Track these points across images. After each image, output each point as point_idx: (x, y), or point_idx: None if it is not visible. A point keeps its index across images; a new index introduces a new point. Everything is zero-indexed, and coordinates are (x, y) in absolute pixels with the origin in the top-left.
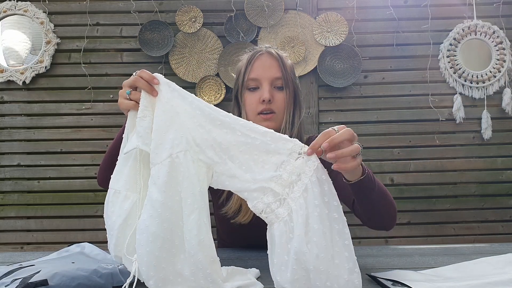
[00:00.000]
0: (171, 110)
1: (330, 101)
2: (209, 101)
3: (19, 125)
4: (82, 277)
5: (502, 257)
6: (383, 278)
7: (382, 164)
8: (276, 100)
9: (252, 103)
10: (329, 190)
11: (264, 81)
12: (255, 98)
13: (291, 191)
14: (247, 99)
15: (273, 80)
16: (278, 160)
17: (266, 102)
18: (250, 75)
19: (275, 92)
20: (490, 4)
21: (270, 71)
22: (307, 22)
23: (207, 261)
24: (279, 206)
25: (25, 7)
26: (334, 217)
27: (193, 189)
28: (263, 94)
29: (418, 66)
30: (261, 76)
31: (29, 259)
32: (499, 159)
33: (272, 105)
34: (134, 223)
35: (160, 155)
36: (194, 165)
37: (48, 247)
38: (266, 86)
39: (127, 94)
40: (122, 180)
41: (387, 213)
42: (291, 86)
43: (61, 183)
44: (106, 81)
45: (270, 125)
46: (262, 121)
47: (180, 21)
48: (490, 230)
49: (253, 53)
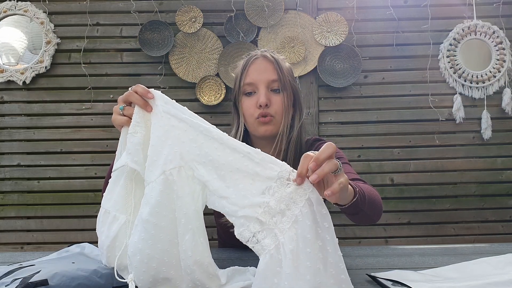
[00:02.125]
0: (166, 124)
1: (330, 101)
2: (209, 101)
3: (19, 125)
4: (82, 277)
5: (502, 257)
6: (383, 278)
7: (382, 164)
8: (273, 104)
9: (250, 108)
10: (321, 218)
11: (260, 84)
12: (252, 102)
13: (279, 221)
14: (244, 104)
15: (269, 83)
16: (266, 185)
17: (263, 106)
18: (246, 80)
19: (272, 95)
20: (490, 4)
21: (266, 74)
22: (307, 22)
23: (205, 277)
24: (266, 237)
25: (25, 7)
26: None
27: (187, 209)
28: (260, 99)
29: (418, 66)
30: (257, 80)
31: (29, 259)
32: (499, 159)
33: (269, 109)
34: (121, 244)
35: (154, 172)
36: (188, 182)
37: (48, 247)
38: (262, 90)
39: (121, 109)
40: (113, 200)
41: (376, 215)
42: (289, 89)
43: (61, 183)
44: (106, 81)
45: (269, 129)
46: (261, 125)
47: (180, 21)
48: (490, 230)
49: (248, 58)
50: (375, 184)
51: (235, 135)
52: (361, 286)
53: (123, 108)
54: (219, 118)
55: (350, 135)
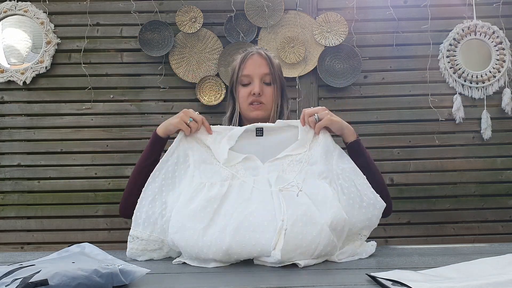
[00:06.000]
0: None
1: (330, 101)
2: (209, 101)
3: (19, 125)
4: (82, 277)
5: (502, 257)
6: (383, 278)
7: (382, 164)
8: (265, 93)
9: (244, 95)
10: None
11: (255, 76)
12: (247, 91)
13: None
14: (240, 92)
15: (263, 76)
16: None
17: (256, 95)
18: (243, 72)
19: (264, 86)
20: (490, 4)
21: (260, 69)
22: (307, 22)
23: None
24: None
25: (25, 7)
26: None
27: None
28: (254, 88)
29: (418, 66)
30: (253, 73)
31: (29, 259)
32: (499, 159)
33: (261, 97)
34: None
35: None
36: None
37: (48, 247)
38: (256, 81)
39: (190, 120)
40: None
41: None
42: (279, 82)
43: (61, 183)
44: (107, 81)
45: (260, 114)
46: (253, 110)
47: (180, 21)
48: (490, 230)
49: (246, 53)
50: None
51: (229, 116)
52: (361, 286)
53: (191, 120)
54: (219, 118)
55: None
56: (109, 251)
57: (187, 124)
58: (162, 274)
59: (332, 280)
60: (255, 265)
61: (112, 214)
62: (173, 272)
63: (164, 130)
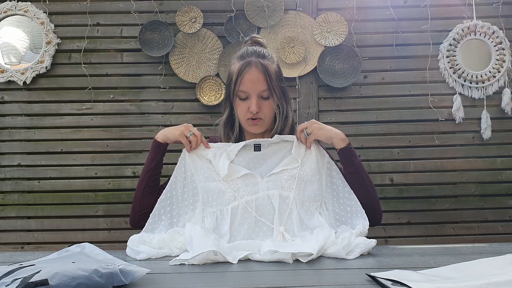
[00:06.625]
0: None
1: (330, 101)
2: (209, 101)
3: (20, 125)
4: (83, 277)
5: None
6: (383, 278)
7: (382, 164)
8: (263, 109)
9: (243, 110)
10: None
11: (253, 94)
12: (245, 106)
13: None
14: (238, 106)
15: (260, 92)
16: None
17: (254, 113)
18: (241, 87)
19: (262, 102)
20: (490, 4)
21: (257, 85)
22: (307, 22)
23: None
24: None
25: (25, 8)
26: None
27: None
28: (251, 107)
29: (418, 66)
30: (250, 90)
31: (30, 259)
32: (499, 159)
33: (259, 113)
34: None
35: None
36: None
37: (48, 247)
38: (254, 99)
39: (190, 134)
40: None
41: (373, 194)
42: (277, 91)
43: (61, 183)
44: (107, 81)
45: (257, 129)
46: (251, 125)
47: (180, 22)
48: (490, 230)
49: (243, 65)
50: (375, 184)
51: (226, 121)
52: (361, 286)
53: (192, 134)
54: (219, 118)
55: (350, 135)
56: (109, 251)
57: (187, 137)
58: (162, 274)
59: (332, 280)
60: (255, 265)
61: (112, 214)
62: (173, 272)
63: (163, 137)
